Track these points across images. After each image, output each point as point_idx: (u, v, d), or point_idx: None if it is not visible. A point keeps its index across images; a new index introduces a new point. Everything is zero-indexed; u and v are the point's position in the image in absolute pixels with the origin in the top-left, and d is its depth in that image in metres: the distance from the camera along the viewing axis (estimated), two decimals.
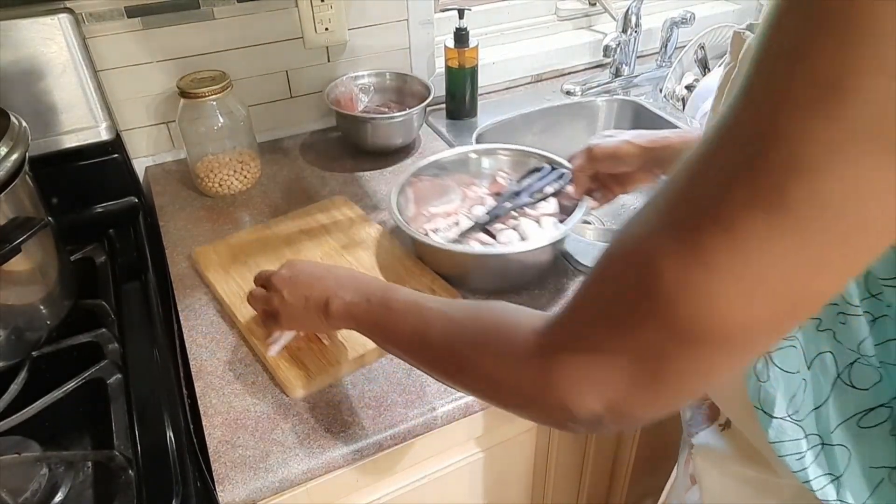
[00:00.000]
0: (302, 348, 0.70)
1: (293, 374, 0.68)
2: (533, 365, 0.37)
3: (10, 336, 0.70)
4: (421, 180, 0.87)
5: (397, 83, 1.14)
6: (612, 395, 0.33)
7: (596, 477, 0.97)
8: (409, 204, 0.86)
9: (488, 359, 0.40)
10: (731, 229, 0.27)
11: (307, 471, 0.61)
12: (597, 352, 0.34)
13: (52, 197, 0.82)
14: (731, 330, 0.29)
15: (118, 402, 0.69)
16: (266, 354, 0.69)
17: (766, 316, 0.29)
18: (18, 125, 0.70)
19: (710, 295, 0.29)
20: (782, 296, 0.28)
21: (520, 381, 0.38)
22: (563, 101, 1.24)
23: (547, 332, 0.37)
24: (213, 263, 0.83)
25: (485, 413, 0.70)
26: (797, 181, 0.25)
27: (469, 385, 0.44)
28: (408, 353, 0.50)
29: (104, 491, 0.61)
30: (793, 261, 0.27)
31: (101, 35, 0.94)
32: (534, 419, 0.41)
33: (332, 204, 0.95)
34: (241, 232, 0.89)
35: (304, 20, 1.04)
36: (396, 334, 0.51)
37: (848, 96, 0.24)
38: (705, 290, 0.29)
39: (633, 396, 0.33)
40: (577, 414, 0.35)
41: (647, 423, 0.36)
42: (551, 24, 1.34)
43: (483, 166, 0.91)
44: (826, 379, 0.42)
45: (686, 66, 1.26)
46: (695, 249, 0.28)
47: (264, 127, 1.11)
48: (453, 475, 0.78)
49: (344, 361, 0.69)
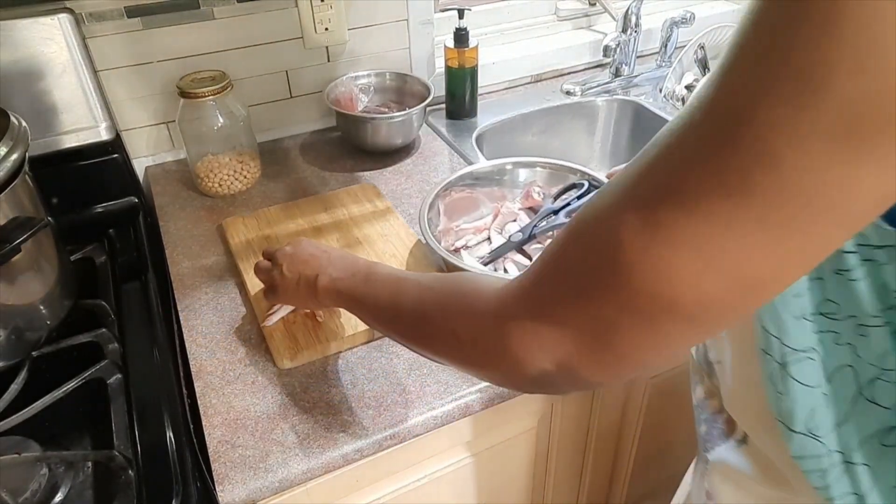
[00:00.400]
0: (297, 322, 0.73)
1: (283, 346, 0.71)
2: (490, 322, 0.38)
3: (10, 336, 0.70)
4: (451, 193, 0.85)
5: (397, 83, 1.14)
6: (562, 357, 0.35)
7: (596, 477, 0.97)
8: (440, 217, 0.84)
9: (452, 319, 0.42)
10: (693, 208, 0.28)
11: (307, 471, 0.61)
12: (551, 316, 0.35)
13: (52, 197, 0.82)
14: (686, 305, 0.30)
15: (118, 402, 0.69)
16: (263, 324, 0.73)
17: (720, 294, 0.29)
18: (18, 125, 0.70)
19: (668, 269, 0.29)
20: (737, 277, 0.29)
21: (478, 338, 0.39)
22: (563, 101, 1.24)
23: (505, 293, 0.38)
24: (239, 233, 0.89)
25: (485, 413, 0.70)
26: (762, 168, 0.26)
27: (437, 349, 0.45)
28: (384, 323, 0.52)
29: (104, 491, 0.61)
30: (750, 245, 0.27)
31: (101, 35, 0.94)
32: (491, 379, 0.42)
33: (362, 191, 0.97)
34: (272, 207, 0.94)
35: (304, 20, 1.04)
36: (375, 306, 0.53)
37: (819, 90, 0.24)
38: (664, 264, 0.29)
39: (582, 362, 0.34)
40: (529, 372, 0.36)
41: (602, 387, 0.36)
42: (551, 24, 1.34)
43: (518, 179, 0.89)
44: (847, 395, 0.41)
45: (686, 66, 1.26)
46: (657, 224, 0.29)
47: (264, 127, 1.11)
48: (453, 475, 0.78)
49: (333, 340, 0.71)
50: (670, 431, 0.99)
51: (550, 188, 0.87)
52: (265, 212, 0.93)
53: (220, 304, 0.79)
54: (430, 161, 1.08)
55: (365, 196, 0.96)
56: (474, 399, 0.67)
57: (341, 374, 0.70)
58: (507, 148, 1.20)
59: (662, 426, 0.97)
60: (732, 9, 1.45)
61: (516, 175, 0.89)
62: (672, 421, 0.97)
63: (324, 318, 0.73)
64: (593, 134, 1.30)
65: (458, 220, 0.87)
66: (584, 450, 0.91)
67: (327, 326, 0.73)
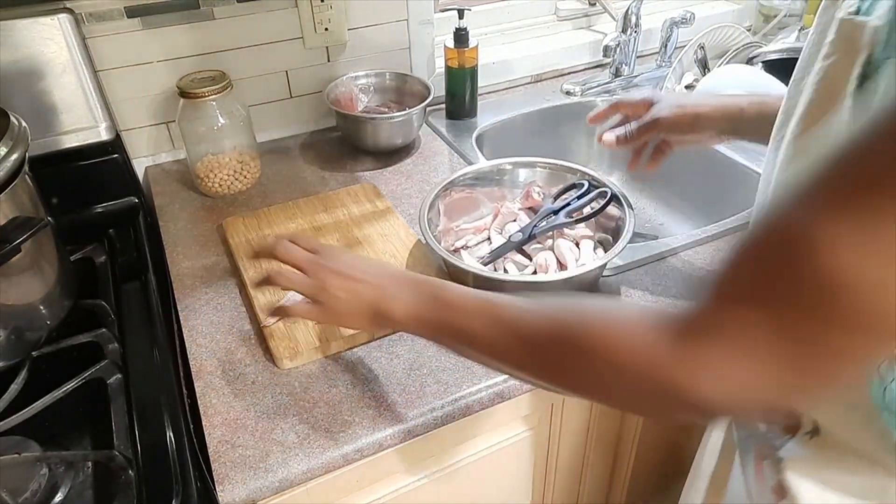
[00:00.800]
0: (297, 322, 0.73)
1: (283, 346, 0.70)
2: (661, 351, 0.36)
3: (10, 336, 0.70)
4: (451, 193, 0.85)
5: (397, 83, 1.14)
6: (755, 387, 0.33)
7: (596, 477, 0.97)
8: (440, 217, 0.84)
9: (604, 351, 0.39)
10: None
11: (307, 471, 0.61)
12: (750, 345, 0.32)
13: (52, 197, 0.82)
14: (892, 315, 0.29)
15: (118, 402, 0.69)
16: (263, 322, 0.73)
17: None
18: (18, 125, 0.70)
19: (879, 279, 0.28)
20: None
21: (642, 368, 0.36)
22: (563, 101, 1.24)
23: (683, 317, 0.36)
24: (239, 233, 0.89)
25: (485, 413, 0.70)
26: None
27: (574, 381, 0.42)
28: (482, 352, 0.49)
29: (104, 491, 0.61)
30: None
31: (101, 35, 0.94)
32: (650, 410, 0.40)
33: (362, 190, 0.97)
34: (272, 207, 0.94)
35: (304, 20, 1.04)
36: (463, 332, 0.50)
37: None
38: (873, 274, 0.28)
39: (779, 392, 0.32)
40: (701, 404, 0.34)
41: (777, 414, 0.34)
42: (551, 24, 1.34)
43: (518, 179, 0.88)
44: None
45: (686, 66, 1.26)
46: (862, 231, 0.28)
47: (264, 127, 1.11)
48: (453, 475, 0.78)
49: (333, 340, 0.71)
50: (670, 432, 0.99)
51: (550, 188, 0.87)
52: (265, 212, 0.93)
53: (220, 304, 0.79)
54: (430, 161, 1.08)
55: (365, 196, 0.96)
56: (474, 399, 0.67)
57: (341, 374, 0.70)
58: (506, 148, 1.20)
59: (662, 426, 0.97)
60: (732, 9, 1.45)
61: (516, 175, 0.89)
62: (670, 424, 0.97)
63: None
64: (593, 134, 1.29)
65: (457, 220, 0.87)
66: (584, 450, 0.91)
67: (328, 327, 0.72)
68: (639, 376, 0.37)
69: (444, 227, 0.85)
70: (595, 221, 0.81)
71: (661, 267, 0.83)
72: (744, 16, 1.45)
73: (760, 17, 1.40)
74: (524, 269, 0.79)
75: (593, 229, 0.82)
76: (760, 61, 1.18)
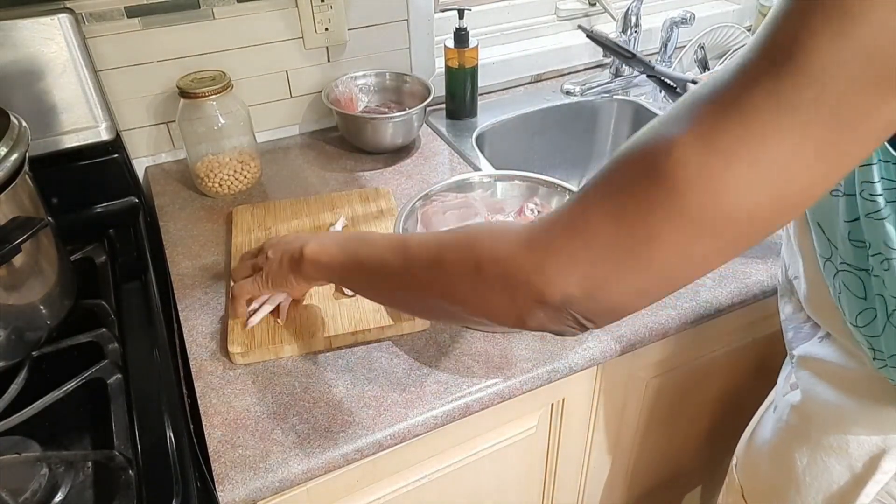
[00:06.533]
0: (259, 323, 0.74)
1: (239, 340, 0.71)
2: (521, 248, 0.39)
3: (10, 336, 0.70)
4: (446, 198, 0.84)
5: (397, 83, 1.14)
6: (594, 277, 0.36)
7: (596, 477, 0.97)
8: (437, 216, 0.82)
9: (478, 250, 0.42)
10: (749, 124, 0.32)
11: (307, 471, 0.61)
12: (587, 234, 0.36)
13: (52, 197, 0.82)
14: (737, 218, 0.33)
15: (118, 402, 0.69)
16: (246, 327, 0.73)
17: (768, 205, 0.33)
18: (18, 125, 0.70)
19: (724, 182, 0.32)
20: (783, 190, 0.33)
21: (505, 265, 0.40)
22: (563, 101, 1.24)
23: (538, 222, 0.40)
24: (245, 221, 0.90)
25: (485, 413, 0.70)
26: (810, 86, 0.30)
27: (452, 291, 0.45)
28: (387, 279, 0.52)
29: (104, 491, 0.61)
30: (796, 157, 0.32)
31: (101, 35, 0.94)
32: (505, 314, 0.41)
33: (377, 193, 0.96)
34: (284, 200, 0.95)
35: (304, 20, 1.04)
36: (377, 262, 0.52)
37: (856, 20, 0.29)
38: (720, 177, 0.32)
39: (615, 280, 0.36)
40: (551, 300, 0.37)
41: (617, 315, 0.38)
42: (551, 24, 1.34)
43: (513, 193, 0.87)
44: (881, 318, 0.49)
45: (686, 66, 1.26)
46: (714, 140, 0.32)
47: (264, 127, 1.11)
48: (453, 475, 0.78)
49: (288, 343, 0.71)
50: (671, 431, 0.99)
51: (546, 206, 0.85)
52: (273, 204, 0.94)
53: (220, 304, 0.79)
54: (430, 161, 1.08)
55: (373, 199, 0.95)
56: (474, 399, 0.67)
57: (341, 374, 0.70)
58: (507, 148, 1.20)
59: (663, 426, 0.97)
60: (732, 9, 1.45)
61: (511, 189, 0.87)
62: (672, 421, 0.97)
63: (302, 315, 0.74)
64: (593, 134, 1.30)
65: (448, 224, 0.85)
66: (584, 450, 0.91)
67: (288, 327, 0.73)
68: (497, 275, 0.40)
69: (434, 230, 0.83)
70: None
71: None
72: (744, 16, 1.45)
73: (760, 18, 1.40)
74: None
75: None
76: None
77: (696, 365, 0.90)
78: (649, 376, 0.87)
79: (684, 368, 0.89)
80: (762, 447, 0.68)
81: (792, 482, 0.63)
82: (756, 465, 0.69)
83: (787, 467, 0.63)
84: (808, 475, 0.61)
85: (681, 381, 0.91)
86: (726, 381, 0.98)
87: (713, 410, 1.03)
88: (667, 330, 0.75)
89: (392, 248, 0.51)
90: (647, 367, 0.85)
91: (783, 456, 0.64)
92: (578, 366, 0.72)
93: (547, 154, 1.26)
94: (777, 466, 0.65)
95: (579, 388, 0.81)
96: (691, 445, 1.08)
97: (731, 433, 1.08)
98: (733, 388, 1.00)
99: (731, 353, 0.92)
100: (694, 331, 0.81)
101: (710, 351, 0.89)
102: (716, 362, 0.92)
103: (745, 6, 1.45)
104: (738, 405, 1.02)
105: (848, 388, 0.58)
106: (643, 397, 0.89)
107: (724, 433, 1.08)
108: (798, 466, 0.62)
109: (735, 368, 0.96)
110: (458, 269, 0.44)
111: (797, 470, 0.62)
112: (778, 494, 0.65)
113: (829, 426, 0.59)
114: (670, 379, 0.89)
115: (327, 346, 0.72)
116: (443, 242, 0.46)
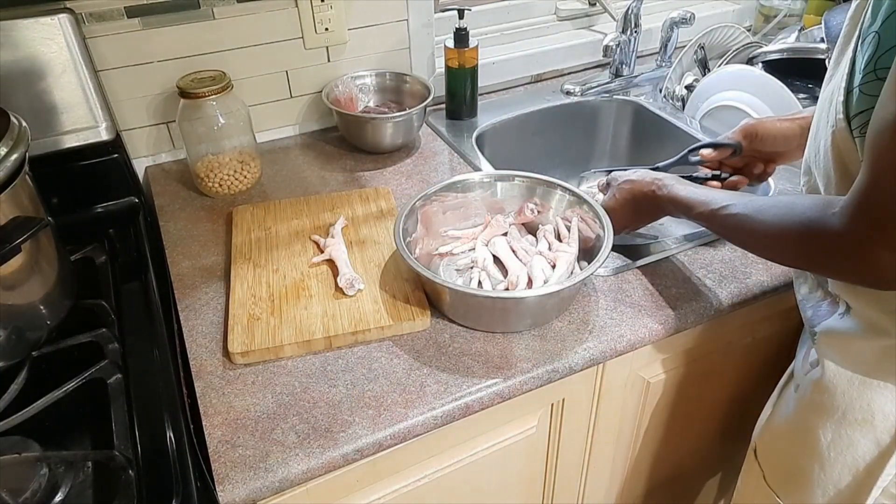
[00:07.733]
0: (260, 319, 0.74)
1: (239, 340, 0.71)
2: (844, 245, 0.49)
3: (10, 336, 0.70)
4: (446, 198, 0.84)
5: (397, 83, 1.14)
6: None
7: (596, 477, 0.97)
8: (418, 226, 0.82)
9: (805, 245, 0.54)
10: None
11: (307, 471, 0.61)
12: None
13: (52, 197, 0.82)
14: None
15: (118, 402, 0.69)
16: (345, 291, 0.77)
17: None
18: (18, 125, 0.70)
19: None
20: None
21: (831, 256, 0.51)
22: (563, 101, 1.24)
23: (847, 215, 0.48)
24: (245, 221, 0.91)
25: (485, 413, 0.70)
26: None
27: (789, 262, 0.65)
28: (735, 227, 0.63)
29: (104, 491, 0.61)
30: None
31: (101, 35, 0.94)
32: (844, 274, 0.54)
33: (377, 193, 0.96)
34: (283, 200, 0.95)
35: (304, 20, 1.04)
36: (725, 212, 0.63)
37: None
38: None
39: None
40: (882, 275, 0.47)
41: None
42: (551, 24, 1.35)
43: (513, 193, 0.86)
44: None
45: (686, 66, 1.26)
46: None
47: (264, 127, 1.11)
48: (453, 475, 0.78)
49: (288, 343, 0.71)
50: (670, 431, 0.99)
51: (546, 205, 0.85)
52: (274, 204, 0.94)
53: (220, 304, 0.79)
54: (430, 161, 1.08)
55: (374, 200, 0.95)
56: (474, 399, 0.67)
57: (341, 374, 0.70)
58: (507, 148, 1.20)
59: (663, 426, 0.97)
60: (732, 9, 1.45)
61: (512, 189, 0.86)
62: (672, 421, 0.97)
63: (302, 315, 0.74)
64: (593, 134, 1.30)
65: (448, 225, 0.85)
66: (584, 450, 0.91)
67: (288, 326, 0.73)
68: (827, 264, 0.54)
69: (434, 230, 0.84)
70: (579, 237, 0.80)
71: (661, 267, 0.83)
72: (744, 16, 1.45)
73: (760, 17, 1.41)
74: (497, 283, 0.78)
75: (575, 253, 0.79)
76: (760, 61, 1.18)
77: (696, 365, 0.90)
78: (649, 376, 0.87)
79: (684, 368, 0.89)
80: (783, 427, 0.68)
81: (815, 459, 0.63)
82: (778, 447, 0.70)
83: (811, 444, 0.63)
84: (832, 451, 0.62)
85: (681, 381, 0.91)
86: (726, 381, 0.98)
87: (713, 410, 1.03)
88: (667, 330, 0.75)
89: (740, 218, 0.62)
90: (647, 367, 0.85)
91: (806, 433, 0.64)
92: (578, 366, 0.72)
93: (547, 154, 1.26)
94: (800, 445, 0.66)
95: (579, 388, 0.81)
96: (691, 445, 1.08)
97: (732, 432, 1.08)
98: (733, 387, 1.00)
99: (731, 353, 0.92)
100: (694, 331, 0.81)
101: (710, 351, 0.89)
102: (716, 362, 0.92)
103: (745, 6, 1.45)
104: (739, 404, 1.02)
105: (871, 360, 0.59)
106: (643, 397, 0.89)
107: (725, 432, 1.08)
108: (822, 443, 0.62)
109: (735, 368, 0.96)
110: (793, 255, 0.58)
111: (821, 446, 0.63)
112: (802, 473, 0.66)
113: (854, 399, 0.59)
114: (670, 379, 0.89)
115: (327, 346, 0.72)
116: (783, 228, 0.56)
